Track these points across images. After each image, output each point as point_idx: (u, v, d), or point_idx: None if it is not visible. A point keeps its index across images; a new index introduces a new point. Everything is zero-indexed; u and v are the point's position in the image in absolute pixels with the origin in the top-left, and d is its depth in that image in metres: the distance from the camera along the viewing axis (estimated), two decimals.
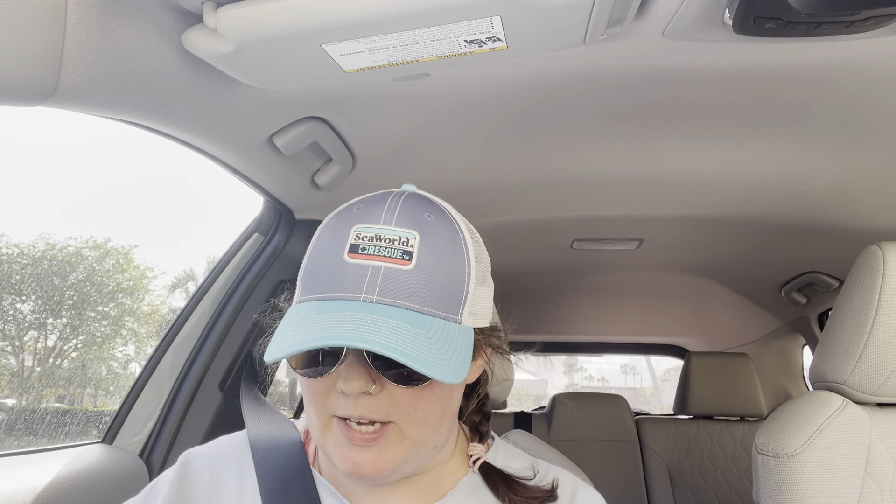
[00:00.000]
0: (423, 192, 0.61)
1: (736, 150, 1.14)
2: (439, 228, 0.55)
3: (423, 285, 0.52)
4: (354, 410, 0.52)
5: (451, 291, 0.53)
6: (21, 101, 0.59)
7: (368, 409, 0.52)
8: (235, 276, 1.28)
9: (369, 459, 0.53)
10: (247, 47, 0.66)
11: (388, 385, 0.52)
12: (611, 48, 0.80)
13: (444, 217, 0.57)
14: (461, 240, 0.56)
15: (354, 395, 0.52)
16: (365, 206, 0.56)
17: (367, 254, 0.52)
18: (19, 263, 3.88)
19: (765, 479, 0.93)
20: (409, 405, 0.53)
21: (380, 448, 0.53)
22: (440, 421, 0.56)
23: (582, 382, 22.21)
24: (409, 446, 0.54)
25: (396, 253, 0.52)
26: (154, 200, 33.02)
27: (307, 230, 1.35)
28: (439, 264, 0.53)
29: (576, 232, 1.70)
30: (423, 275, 0.52)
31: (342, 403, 0.53)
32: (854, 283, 0.95)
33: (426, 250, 0.53)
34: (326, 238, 0.56)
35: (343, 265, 0.52)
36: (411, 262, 0.52)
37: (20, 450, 0.97)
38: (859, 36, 0.73)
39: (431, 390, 0.54)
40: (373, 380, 0.52)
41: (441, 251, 0.54)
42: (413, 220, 0.54)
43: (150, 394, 1.17)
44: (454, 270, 0.54)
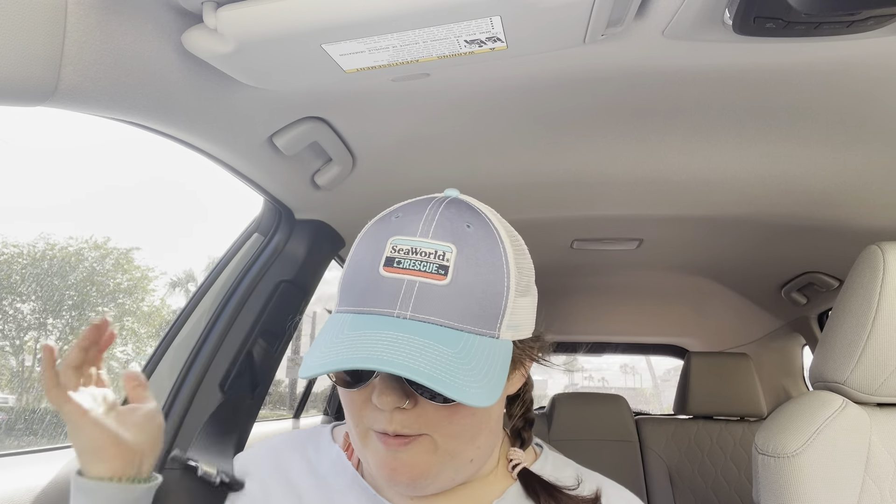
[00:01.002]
0: (465, 198, 0.60)
1: (736, 150, 1.14)
2: (478, 240, 0.54)
3: (459, 301, 0.51)
4: (389, 426, 0.53)
5: (488, 306, 0.52)
6: (21, 101, 0.59)
7: (402, 424, 0.53)
8: (235, 277, 1.28)
9: (405, 465, 0.54)
10: (247, 47, 0.66)
11: (422, 401, 0.53)
12: (611, 48, 0.80)
13: (484, 227, 0.55)
14: (501, 251, 0.55)
15: (388, 410, 0.52)
16: (404, 216, 0.56)
17: (402, 267, 0.51)
18: (19, 263, 3.89)
19: (765, 480, 0.93)
20: (442, 420, 0.53)
21: (413, 454, 0.54)
22: (475, 435, 0.56)
23: (582, 382, 22.22)
24: (442, 457, 0.55)
25: (432, 267, 0.51)
26: (154, 201, 33.06)
27: (307, 230, 1.35)
28: (476, 278, 0.52)
29: (576, 232, 1.70)
30: (458, 290, 0.51)
31: (378, 418, 0.53)
32: (854, 283, 0.95)
33: (463, 264, 0.52)
34: (365, 247, 0.56)
35: (379, 278, 0.52)
36: (447, 277, 0.51)
37: (20, 450, 0.97)
38: (859, 36, 0.73)
39: (465, 407, 0.53)
40: (406, 395, 0.52)
41: (479, 265, 0.53)
42: (451, 232, 0.53)
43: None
44: (492, 284, 0.53)
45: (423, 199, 0.59)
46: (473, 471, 0.59)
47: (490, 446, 0.59)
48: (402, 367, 0.46)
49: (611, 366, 30.61)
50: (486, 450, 0.58)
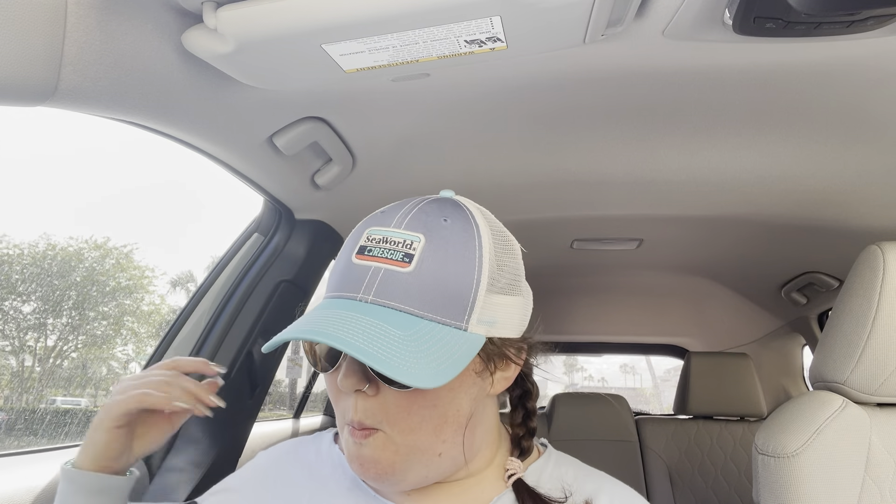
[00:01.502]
0: (458, 198, 0.62)
1: (736, 150, 1.14)
2: (451, 233, 0.55)
3: (421, 288, 0.52)
4: (354, 415, 0.54)
5: (455, 297, 0.53)
6: (21, 101, 0.59)
7: (364, 413, 0.54)
8: (235, 276, 1.28)
9: (369, 461, 0.55)
10: (247, 47, 0.66)
11: (383, 388, 0.54)
12: (611, 48, 0.80)
13: (463, 222, 0.56)
14: (475, 245, 0.55)
15: (350, 393, 0.54)
16: (388, 210, 0.58)
17: (371, 255, 0.54)
18: (20, 263, 3.89)
19: (765, 480, 0.93)
20: (402, 410, 0.54)
21: (373, 448, 0.55)
22: (438, 428, 0.55)
23: (582, 382, 22.21)
24: (405, 454, 0.55)
25: (398, 255, 0.53)
26: (154, 201, 33.05)
27: (307, 230, 1.35)
28: (443, 269, 0.53)
29: (576, 232, 1.70)
30: (421, 278, 0.52)
31: (347, 407, 0.55)
32: (854, 283, 0.95)
33: (429, 254, 0.53)
34: (349, 239, 0.59)
35: (351, 266, 0.55)
36: (410, 265, 0.52)
37: (20, 450, 0.97)
38: (859, 36, 0.73)
39: (424, 395, 0.53)
40: (367, 379, 0.54)
41: (447, 256, 0.53)
42: (423, 224, 0.55)
43: None
44: (460, 276, 0.53)
45: (415, 198, 0.60)
46: (450, 466, 0.58)
47: (466, 444, 0.58)
48: (339, 340, 0.47)
49: (611, 366, 30.60)
50: (456, 445, 0.57)
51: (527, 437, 0.66)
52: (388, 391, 0.53)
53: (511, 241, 0.62)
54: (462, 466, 0.60)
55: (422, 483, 0.58)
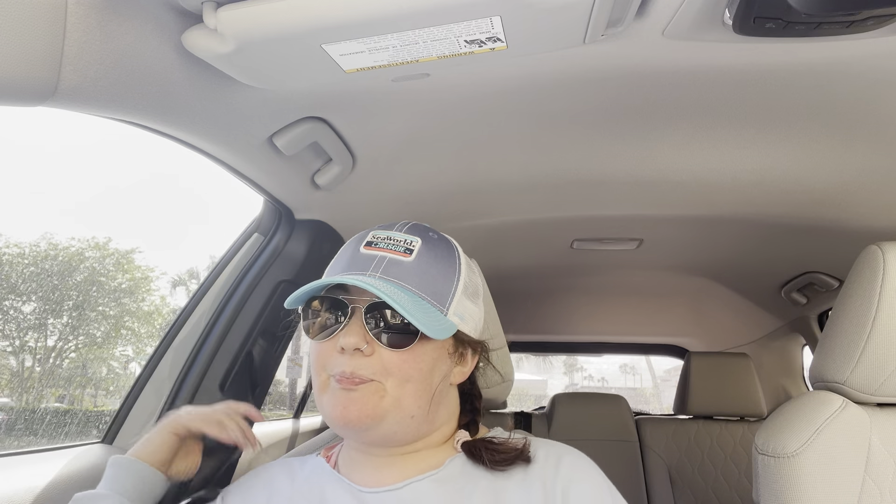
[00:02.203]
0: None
1: (736, 150, 1.14)
2: (438, 243, 0.71)
3: (419, 274, 0.66)
4: (348, 367, 0.64)
5: (441, 288, 0.67)
6: (21, 102, 0.59)
7: (359, 366, 0.64)
8: (235, 277, 1.28)
9: (356, 404, 0.64)
10: (247, 47, 0.66)
11: (378, 348, 0.65)
12: (611, 48, 0.80)
13: (445, 241, 0.73)
14: (455, 257, 0.71)
15: (349, 352, 0.64)
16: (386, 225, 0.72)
17: (377, 247, 0.68)
18: (20, 263, 3.89)
19: (765, 480, 0.93)
20: (394, 367, 0.64)
21: (364, 394, 0.64)
22: (420, 391, 0.66)
23: (582, 382, 22.21)
24: (388, 405, 0.65)
25: (401, 248, 0.68)
26: (154, 201, 33.06)
27: (307, 230, 1.35)
28: (433, 265, 0.68)
29: (576, 232, 1.70)
30: (419, 267, 0.67)
31: (340, 361, 0.65)
32: (854, 283, 0.95)
33: (425, 252, 0.68)
34: (351, 241, 0.73)
35: (358, 254, 0.69)
36: (411, 256, 0.67)
37: (20, 450, 0.97)
38: (859, 36, 0.73)
39: (415, 357, 0.65)
40: (366, 340, 0.64)
41: (437, 257, 0.69)
42: (419, 232, 0.71)
43: (150, 394, 1.17)
44: (445, 273, 0.69)
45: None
46: (414, 432, 0.68)
47: (433, 415, 0.69)
48: (373, 287, 0.61)
49: (611, 366, 30.61)
50: (424, 413, 0.67)
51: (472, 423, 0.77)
52: (383, 352, 0.64)
53: (475, 267, 0.77)
54: (423, 436, 0.71)
55: (387, 439, 0.68)
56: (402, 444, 0.70)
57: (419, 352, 0.66)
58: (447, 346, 0.70)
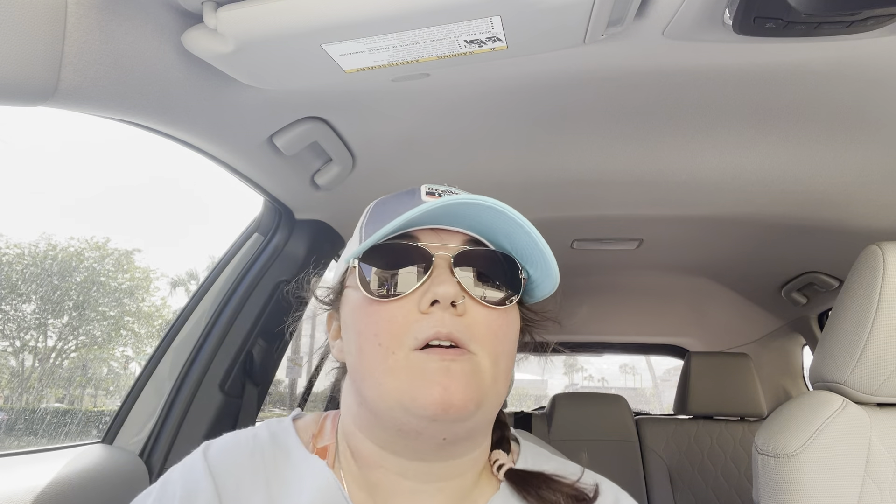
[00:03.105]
0: None
1: (736, 150, 1.14)
2: None
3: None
4: (443, 327, 0.49)
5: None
6: (21, 101, 0.59)
7: (454, 326, 0.49)
8: (235, 277, 1.28)
9: (459, 381, 0.48)
10: (247, 47, 0.66)
11: (470, 307, 0.51)
12: (611, 48, 0.80)
13: None
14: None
15: (444, 306, 0.49)
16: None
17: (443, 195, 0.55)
18: (20, 263, 3.90)
19: (765, 479, 0.93)
20: (490, 331, 0.51)
21: (464, 367, 0.48)
22: (508, 369, 0.53)
23: (582, 382, 22.22)
24: (488, 383, 0.51)
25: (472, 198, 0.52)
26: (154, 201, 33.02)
27: (307, 230, 1.35)
28: None
29: (576, 232, 1.70)
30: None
31: (429, 323, 0.49)
32: (854, 283, 0.95)
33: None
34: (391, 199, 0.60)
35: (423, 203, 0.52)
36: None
37: (20, 450, 0.97)
38: (859, 36, 0.73)
39: (508, 322, 0.53)
40: (460, 294, 0.50)
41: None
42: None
43: (150, 394, 1.17)
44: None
45: None
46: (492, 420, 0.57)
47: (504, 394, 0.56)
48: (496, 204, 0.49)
49: (611, 366, 30.61)
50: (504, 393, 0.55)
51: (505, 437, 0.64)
52: (476, 311, 0.51)
53: None
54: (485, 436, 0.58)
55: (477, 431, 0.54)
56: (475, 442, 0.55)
57: (513, 316, 0.54)
58: (520, 317, 0.57)
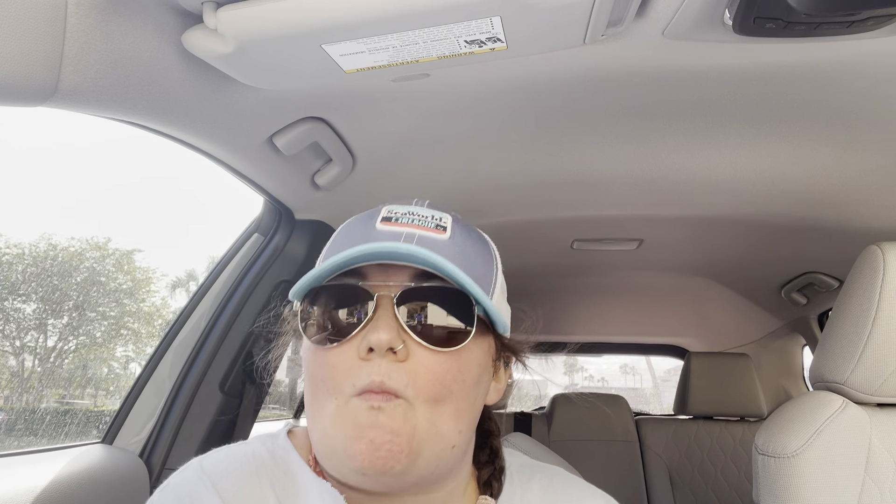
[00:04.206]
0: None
1: (736, 150, 1.14)
2: (465, 224, 0.56)
3: (459, 253, 0.51)
4: (376, 375, 0.46)
5: (482, 272, 0.52)
6: (21, 102, 0.59)
7: (388, 374, 0.46)
8: (235, 277, 1.28)
9: (385, 432, 0.45)
10: (247, 47, 0.66)
11: (414, 350, 0.48)
12: (611, 48, 0.80)
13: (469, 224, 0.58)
14: (486, 238, 0.57)
15: (381, 353, 0.47)
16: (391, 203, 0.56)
17: (400, 222, 0.52)
18: (21, 264, 3.90)
19: (765, 480, 0.93)
20: (432, 376, 0.48)
21: (393, 416, 0.46)
22: (462, 411, 0.50)
23: (582, 383, 22.21)
24: (422, 430, 0.47)
25: (430, 224, 0.52)
26: (154, 202, 33.05)
27: (307, 230, 1.35)
28: (470, 244, 0.53)
29: (576, 232, 1.70)
30: (457, 246, 0.51)
31: (364, 371, 0.47)
32: (854, 283, 0.95)
33: (458, 230, 0.53)
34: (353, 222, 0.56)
35: (375, 231, 0.52)
36: (446, 233, 0.52)
37: (20, 450, 0.97)
38: (859, 36, 0.73)
39: (461, 364, 0.49)
40: (401, 337, 0.48)
41: (471, 236, 0.54)
42: (443, 210, 0.56)
43: (150, 394, 1.17)
44: (483, 254, 0.54)
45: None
46: (451, 468, 0.52)
47: (468, 442, 0.54)
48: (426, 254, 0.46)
49: (611, 366, 30.62)
50: (464, 443, 0.52)
51: (496, 477, 0.60)
52: (421, 355, 0.48)
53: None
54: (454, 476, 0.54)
55: (424, 480, 0.50)
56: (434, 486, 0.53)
57: (467, 357, 0.50)
58: (491, 351, 0.54)
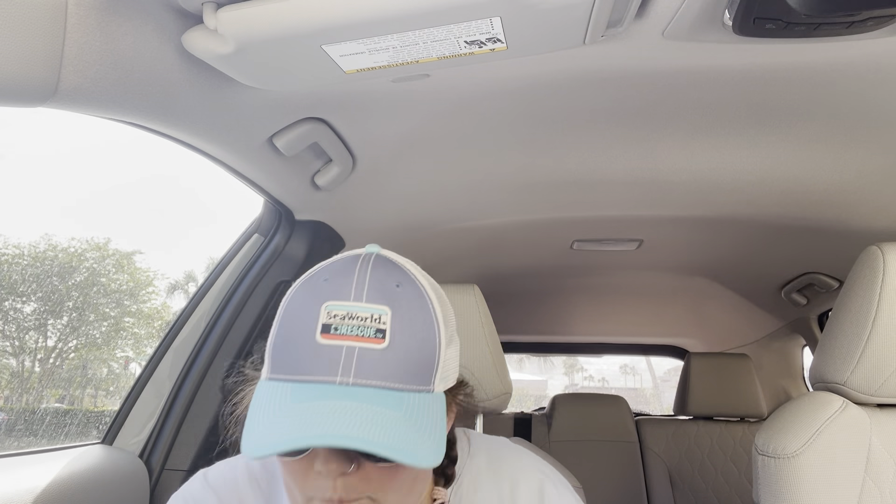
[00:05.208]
0: (387, 254, 0.60)
1: (736, 150, 1.14)
2: (409, 299, 0.55)
3: (398, 362, 0.52)
4: (334, 493, 0.51)
5: (424, 363, 0.53)
6: (21, 102, 0.59)
7: (345, 489, 0.52)
8: (236, 277, 1.28)
9: None
10: (247, 48, 0.66)
11: (365, 464, 0.53)
12: (611, 49, 0.80)
13: (412, 285, 0.56)
14: (430, 308, 0.56)
15: (333, 478, 0.52)
16: (332, 278, 0.55)
17: (340, 333, 0.52)
18: (20, 264, 3.90)
19: (765, 480, 0.93)
20: (384, 480, 0.53)
21: None
22: (413, 487, 0.56)
23: (582, 383, 22.21)
24: None
25: (370, 331, 0.52)
26: (154, 202, 33.08)
27: (307, 231, 1.35)
28: (412, 338, 0.53)
29: (576, 232, 1.70)
30: (396, 351, 0.52)
31: (321, 485, 0.52)
32: (854, 283, 0.95)
33: (399, 325, 0.53)
34: (296, 312, 0.55)
35: (317, 346, 0.52)
36: (385, 341, 0.52)
37: (20, 450, 0.97)
38: (859, 37, 0.73)
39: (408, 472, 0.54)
40: (350, 460, 0.52)
41: (413, 324, 0.54)
42: (383, 294, 0.54)
43: (150, 394, 1.17)
44: (426, 341, 0.54)
45: (348, 257, 0.58)
46: None
47: (423, 491, 0.60)
48: (359, 440, 0.46)
49: (611, 366, 30.63)
50: (420, 497, 0.59)
51: (449, 466, 0.67)
52: (371, 467, 0.53)
53: (441, 290, 0.61)
54: None
55: None
56: None
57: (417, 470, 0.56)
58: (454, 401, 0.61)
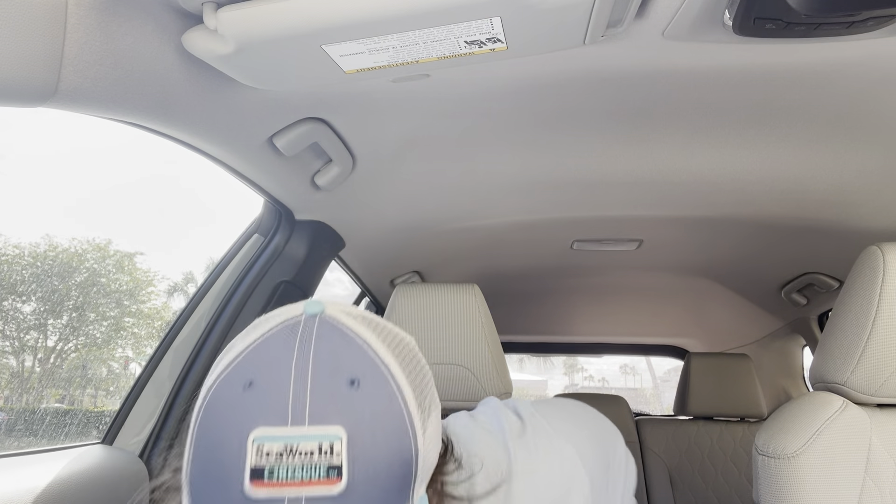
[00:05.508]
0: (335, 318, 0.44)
1: (736, 150, 1.14)
2: (370, 401, 0.40)
3: (362, 496, 0.38)
4: None
5: (396, 484, 0.40)
6: (21, 102, 0.59)
7: None
8: (236, 277, 1.28)
9: None
10: (247, 48, 0.66)
11: None
12: (611, 49, 0.80)
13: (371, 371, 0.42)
14: (399, 399, 0.41)
15: None
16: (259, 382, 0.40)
17: (277, 480, 0.37)
18: (19, 264, 3.90)
19: (765, 480, 0.93)
20: None
21: None
22: None
23: (582, 383, 22.22)
24: None
25: (319, 472, 0.37)
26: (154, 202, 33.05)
27: (307, 231, 1.35)
28: (379, 462, 0.39)
29: (576, 232, 1.70)
30: (359, 490, 0.38)
31: None
32: (854, 283, 0.95)
33: (359, 450, 0.39)
34: (214, 443, 0.40)
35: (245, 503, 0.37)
36: (341, 480, 0.38)
37: (20, 450, 0.97)
38: (859, 37, 0.73)
39: None
40: None
41: (377, 438, 0.40)
42: (334, 406, 0.39)
43: (150, 394, 1.17)
44: (399, 452, 0.40)
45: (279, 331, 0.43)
46: None
47: None
48: None
49: (611, 366, 30.65)
50: None
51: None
52: None
53: (408, 343, 0.47)
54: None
55: None
56: None
57: None
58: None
